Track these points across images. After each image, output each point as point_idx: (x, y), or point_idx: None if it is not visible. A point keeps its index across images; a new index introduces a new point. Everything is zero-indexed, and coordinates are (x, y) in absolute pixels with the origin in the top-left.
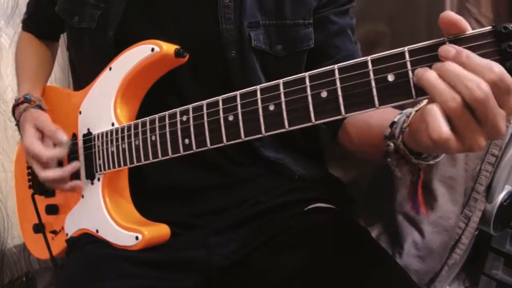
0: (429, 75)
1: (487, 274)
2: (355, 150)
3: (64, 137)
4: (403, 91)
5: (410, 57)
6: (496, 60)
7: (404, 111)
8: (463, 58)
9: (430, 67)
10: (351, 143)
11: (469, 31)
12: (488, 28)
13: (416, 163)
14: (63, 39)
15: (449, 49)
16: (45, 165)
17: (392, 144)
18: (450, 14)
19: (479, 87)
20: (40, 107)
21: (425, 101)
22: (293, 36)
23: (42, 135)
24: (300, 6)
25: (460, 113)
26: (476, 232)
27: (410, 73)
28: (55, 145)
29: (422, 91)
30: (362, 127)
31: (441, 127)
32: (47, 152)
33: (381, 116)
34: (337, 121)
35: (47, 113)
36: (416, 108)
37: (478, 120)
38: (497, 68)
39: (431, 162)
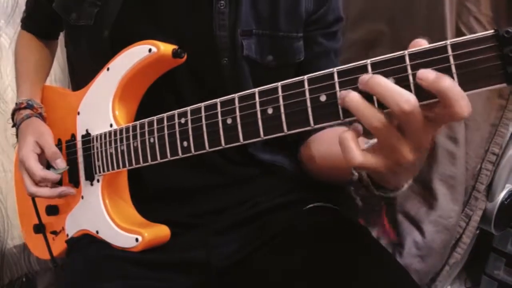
0: (352, 97)
1: (488, 274)
2: (313, 168)
3: (62, 164)
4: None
5: (410, 61)
6: (498, 66)
7: (371, 141)
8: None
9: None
10: (311, 160)
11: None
12: (490, 32)
13: (378, 195)
14: (62, 39)
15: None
16: (35, 182)
17: (356, 173)
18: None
19: (408, 100)
20: (41, 115)
21: None
22: (286, 48)
23: (41, 151)
24: (294, 19)
25: (385, 131)
26: (477, 232)
27: (410, 77)
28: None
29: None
30: (330, 149)
31: (352, 154)
32: (41, 172)
33: None
34: (305, 135)
35: (45, 121)
36: None
37: (404, 134)
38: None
39: (390, 194)
